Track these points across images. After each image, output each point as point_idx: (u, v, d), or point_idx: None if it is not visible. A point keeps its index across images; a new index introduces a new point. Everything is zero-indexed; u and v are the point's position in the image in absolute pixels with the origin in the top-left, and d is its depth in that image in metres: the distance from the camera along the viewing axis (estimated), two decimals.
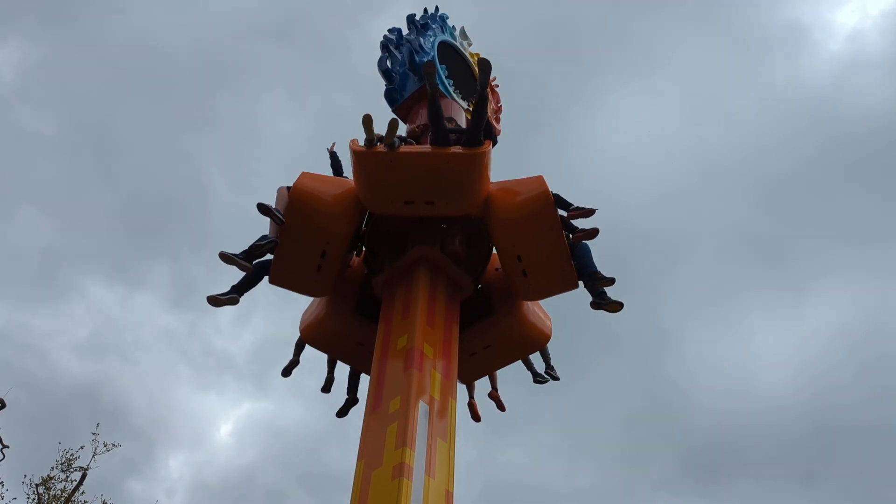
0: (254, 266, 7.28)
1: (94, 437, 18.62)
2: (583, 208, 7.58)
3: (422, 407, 6.47)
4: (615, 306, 7.30)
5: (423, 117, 10.68)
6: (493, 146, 7.84)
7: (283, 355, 9.25)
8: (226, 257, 6.93)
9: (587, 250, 7.58)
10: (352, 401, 9.08)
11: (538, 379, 9.10)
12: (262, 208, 7.14)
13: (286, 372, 8.83)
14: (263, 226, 7.52)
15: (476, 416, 9.11)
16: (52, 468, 18.06)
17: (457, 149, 7.46)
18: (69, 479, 18.18)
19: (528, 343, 8.62)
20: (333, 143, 9.38)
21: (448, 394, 6.97)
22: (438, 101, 7.79)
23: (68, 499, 17.69)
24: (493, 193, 7.82)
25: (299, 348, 8.92)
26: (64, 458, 18.08)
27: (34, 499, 17.54)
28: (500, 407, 9.14)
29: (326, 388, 9.03)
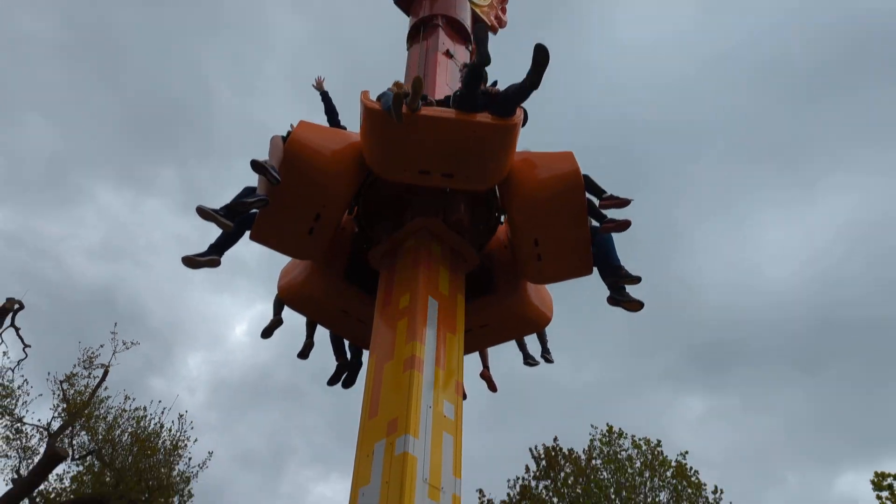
0: (235, 222, 6.26)
1: (112, 335, 19.17)
2: (617, 198, 6.73)
3: (431, 302, 6.59)
4: (635, 305, 6.59)
5: (426, 8, 10.26)
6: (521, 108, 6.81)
7: None
8: (203, 213, 5.92)
9: (610, 239, 6.84)
10: (343, 365, 8.32)
11: (529, 361, 8.64)
12: (256, 165, 6.17)
13: (267, 333, 8.03)
14: (266, 135, 6.79)
15: (492, 387, 8.70)
16: (75, 366, 18.70)
17: (484, 117, 6.49)
18: (91, 376, 18.86)
19: (527, 325, 8.11)
20: (321, 79, 8.27)
21: (457, 290, 7.09)
22: (481, 71, 6.57)
23: (92, 394, 18.40)
24: (516, 165, 6.95)
25: (279, 307, 8.07)
26: (85, 357, 18.68)
27: (59, 395, 18.25)
28: (492, 387, 8.74)
29: (304, 355, 8.24)
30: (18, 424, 18.22)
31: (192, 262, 6.21)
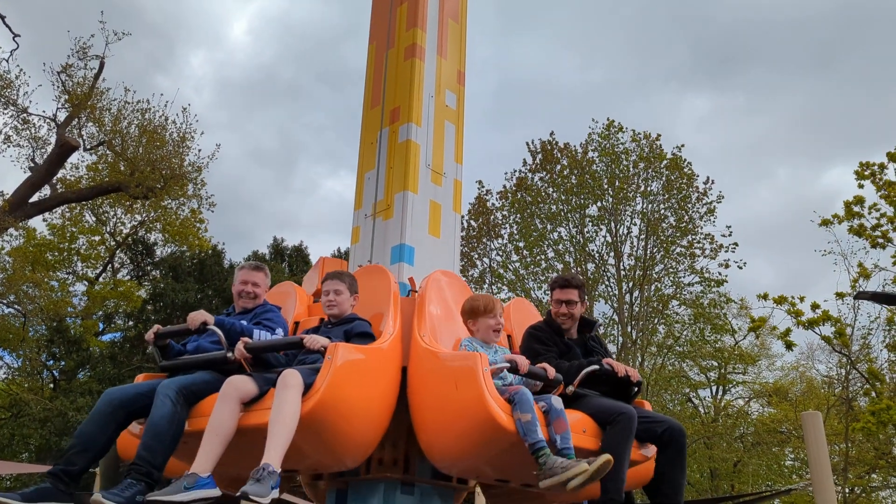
0: None
1: (101, 25, 18.44)
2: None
3: None
4: None
5: None
6: None
7: None
8: None
9: None
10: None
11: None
12: None
13: None
14: None
15: None
16: (69, 57, 18.32)
17: None
18: (88, 68, 18.56)
19: None
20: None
21: None
22: None
23: (92, 86, 18.30)
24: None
25: None
26: (78, 47, 18.19)
27: (58, 86, 18.16)
28: None
29: None
30: (24, 115, 18.43)
31: None
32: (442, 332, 4.36)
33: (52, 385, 22.17)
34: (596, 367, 4.11)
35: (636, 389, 4.27)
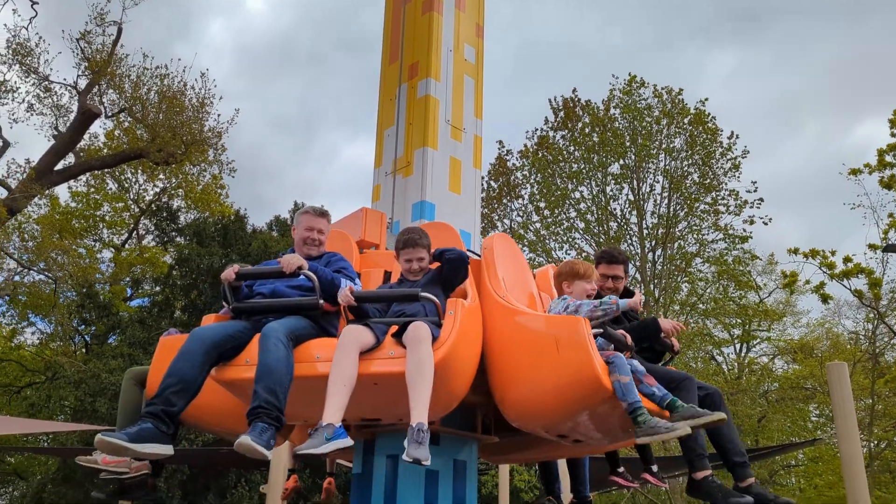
0: None
1: None
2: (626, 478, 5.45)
3: None
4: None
5: None
6: None
7: None
8: None
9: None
10: None
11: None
12: None
13: None
14: None
15: None
16: (86, 23, 18.32)
17: None
18: (106, 34, 18.57)
19: None
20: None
21: None
22: None
23: (111, 52, 18.32)
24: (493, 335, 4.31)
25: None
26: (95, 13, 18.18)
27: (78, 53, 18.21)
28: None
29: None
30: (46, 83, 18.53)
31: None
32: (514, 292, 4.38)
33: (84, 349, 22.69)
34: (668, 344, 4.34)
35: (670, 357, 4.50)
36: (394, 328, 3.67)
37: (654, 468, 5.43)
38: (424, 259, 4.17)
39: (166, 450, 3.18)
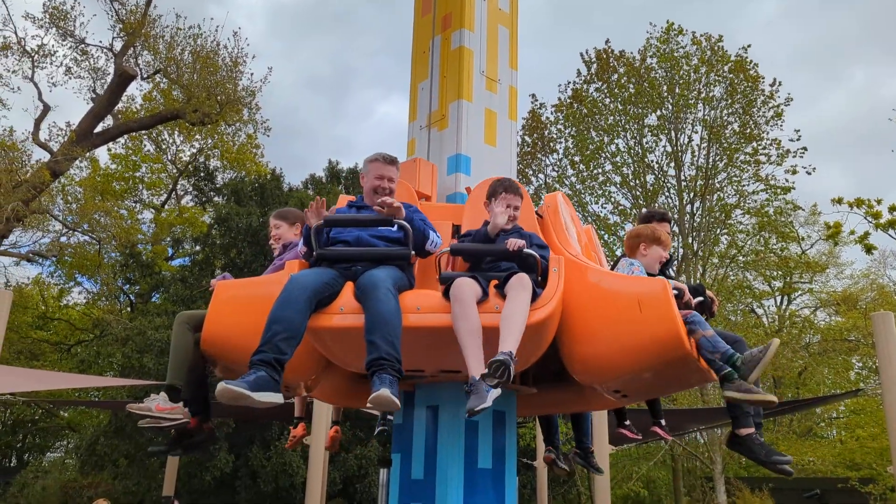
0: None
1: None
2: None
3: None
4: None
5: None
6: None
7: None
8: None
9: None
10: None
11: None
12: None
13: None
14: None
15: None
16: None
17: None
18: None
19: None
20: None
21: None
22: None
23: (144, 13, 18.37)
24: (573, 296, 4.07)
25: None
26: None
27: (112, 15, 18.30)
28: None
29: None
30: (82, 46, 18.70)
31: None
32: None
33: (129, 307, 23.32)
34: (701, 298, 4.32)
35: (706, 319, 4.61)
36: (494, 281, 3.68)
37: (663, 422, 5.63)
38: (520, 208, 4.17)
39: (278, 398, 3.14)
